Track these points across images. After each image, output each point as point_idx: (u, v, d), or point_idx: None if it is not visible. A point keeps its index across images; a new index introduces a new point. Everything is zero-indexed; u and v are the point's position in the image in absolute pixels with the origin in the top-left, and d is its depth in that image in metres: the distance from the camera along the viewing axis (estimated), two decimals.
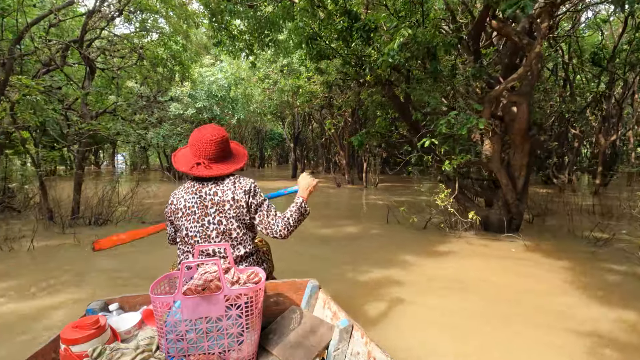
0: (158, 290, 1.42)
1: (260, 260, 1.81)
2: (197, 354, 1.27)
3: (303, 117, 20.78)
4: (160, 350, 1.33)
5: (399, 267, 3.81)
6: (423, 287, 3.24)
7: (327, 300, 1.67)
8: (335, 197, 10.47)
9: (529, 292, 3.12)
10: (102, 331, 1.30)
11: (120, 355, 1.22)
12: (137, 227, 4.69)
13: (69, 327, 1.28)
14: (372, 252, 4.49)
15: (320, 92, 11.20)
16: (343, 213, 7.37)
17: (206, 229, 1.63)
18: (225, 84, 14.71)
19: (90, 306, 1.54)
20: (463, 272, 3.65)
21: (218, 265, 1.30)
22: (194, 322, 1.26)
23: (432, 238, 5.14)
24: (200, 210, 1.63)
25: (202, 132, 1.70)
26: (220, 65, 15.26)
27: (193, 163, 1.66)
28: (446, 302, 2.90)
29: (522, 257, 4.19)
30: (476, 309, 2.77)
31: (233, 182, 1.69)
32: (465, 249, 4.54)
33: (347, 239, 5.29)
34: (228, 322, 1.28)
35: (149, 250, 4.17)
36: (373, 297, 2.95)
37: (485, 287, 3.24)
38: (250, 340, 1.33)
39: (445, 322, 2.53)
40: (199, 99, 14.37)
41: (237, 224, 1.65)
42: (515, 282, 3.42)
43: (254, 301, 1.33)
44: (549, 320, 2.55)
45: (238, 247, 1.68)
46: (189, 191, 1.68)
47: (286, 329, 1.50)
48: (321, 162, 27.80)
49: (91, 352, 1.21)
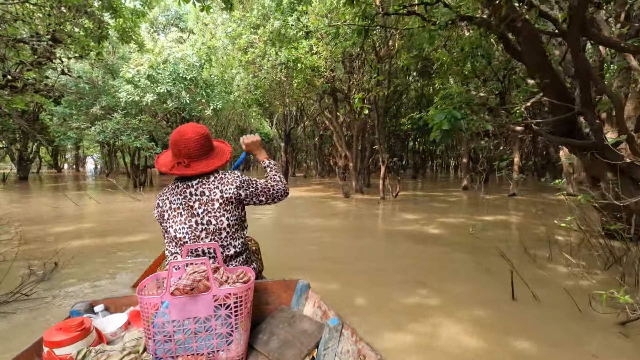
0: (145, 291, 1.36)
1: (250, 259, 1.77)
2: (185, 354, 1.24)
3: (296, 111, 17.46)
4: (147, 351, 1.29)
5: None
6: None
7: (317, 299, 1.60)
8: (355, 218, 7.17)
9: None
10: (87, 333, 1.26)
11: (106, 357, 1.21)
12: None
13: (53, 329, 1.23)
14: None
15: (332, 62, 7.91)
16: (414, 275, 4.05)
17: (194, 230, 1.58)
18: (197, 62, 11.23)
19: (75, 307, 1.47)
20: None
21: (207, 265, 1.27)
22: (182, 322, 1.24)
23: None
24: (186, 211, 1.59)
25: (180, 131, 1.63)
26: (192, 39, 11.82)
27: (174, 163, 1.60)
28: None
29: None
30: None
31: (219, 180, 1.64)
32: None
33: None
34: (217, 322, 1.27)
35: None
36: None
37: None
38: (240, 340, 1.31)
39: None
40: (161, 82, 10.83)
41: (227, 222, 1.61)
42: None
43: (243, 301, 1.29)
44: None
45: (228, 246, 1.64)
46: (174, 192, 1.62)
47: (276, 328, 1.48)
48: (314, 165, 24.45)
49: (75, 355, 1.19)
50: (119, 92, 10.43)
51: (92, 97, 11.86)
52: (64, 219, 6.57)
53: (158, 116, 12.98)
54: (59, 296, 2.90)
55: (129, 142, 11.20)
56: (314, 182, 18.20)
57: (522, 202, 9.46)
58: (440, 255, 4.20)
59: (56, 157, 30.94)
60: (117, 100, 10.92)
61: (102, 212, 7.60)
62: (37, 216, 6.69)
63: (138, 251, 4.31)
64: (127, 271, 3.54)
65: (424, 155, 27.25)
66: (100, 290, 3.01)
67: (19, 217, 6.49)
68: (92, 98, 11.79)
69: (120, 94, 10.39)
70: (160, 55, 10.95)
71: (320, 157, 23.56)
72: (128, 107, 11.34)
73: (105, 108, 11.53)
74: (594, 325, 2.41)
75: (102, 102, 11.17)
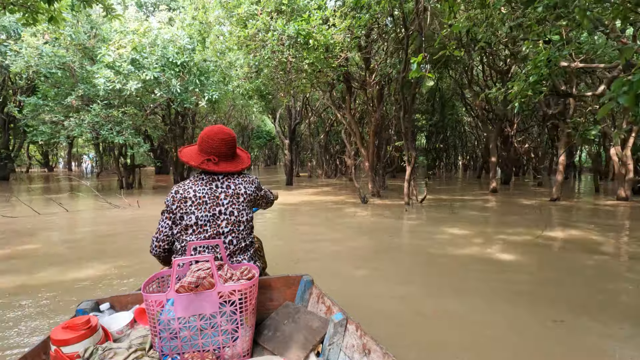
0: (150, 289, 1.36)
1: (255, 257, 1.77)
2: (191, 351, 1.24)
3: (301, 105, 15.87)
4: (153, 348, 1.27)
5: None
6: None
7: (321, 295, 1.60)
8: (386, 235, 5.62)
9: None
10: (93, 331, 1.24)
11: (112, 355, 1.18)
12: None
13: (59, 328, 1.21)
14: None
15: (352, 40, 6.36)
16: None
17: (217, 219, 1.62)
18: (189, 43, 9.66)
19: (81, 306, 1.46)
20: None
21: (211, 262, 1.27)
22: (188, 319, 1.23)
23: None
24: (211, 200, 1.63)
25: (214, 129, 1.71)
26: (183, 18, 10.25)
27: (203, 159, 1.66)
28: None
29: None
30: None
31: (243, 178, 1.74)
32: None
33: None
34: (222, 319, 1.26)
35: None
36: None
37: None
38: (245, 336, 1.31)
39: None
40: (147, 68, 9.25)
41: (246, 217, 1.69)
42: None
43: (248, 297, 1.29)
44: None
45: (244, 239, 1.68)
46: (198, 182, 1.66)
47: (280, 324, 1.47)
48: (319, 164, 22.85)
49: (83, 353, 1.17)
50: (97, 79, 8.84)
51: (69, 86, 10.30)
52: (4, 235, 5.03)
53: (147, 109, 11.42)
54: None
55: (110, 137, 9.64)
56: (321, 183, 16.62)
57: (575, 209, 7.86)
58: (556, 313, 2.63)
59: (47, 156, 29.37)
60: (96, 90, 9.36)
61: (65, 225, 6.04)
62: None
63: (77, 296, 2.76)
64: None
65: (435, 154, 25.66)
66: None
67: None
68: (70, 87, 10.23)
69: (97, 80, 8.80)
70: (146, 36, 9.37)
71: (326, 155, 21.96)
72: (109, 97, 9.77)
73: (83, 98, 9.96)
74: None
75: (79, 92, 9.59)
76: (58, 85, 10.47)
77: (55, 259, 3.89)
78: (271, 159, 46.53)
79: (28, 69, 9.53)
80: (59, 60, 9.15)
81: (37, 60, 8.89)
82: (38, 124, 10.11)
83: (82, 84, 9.76)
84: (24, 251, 4.23)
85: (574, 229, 5.65)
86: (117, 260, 3.85)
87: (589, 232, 5.40)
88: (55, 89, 10.16)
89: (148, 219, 6.46)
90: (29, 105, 10.33)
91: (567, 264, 3.78)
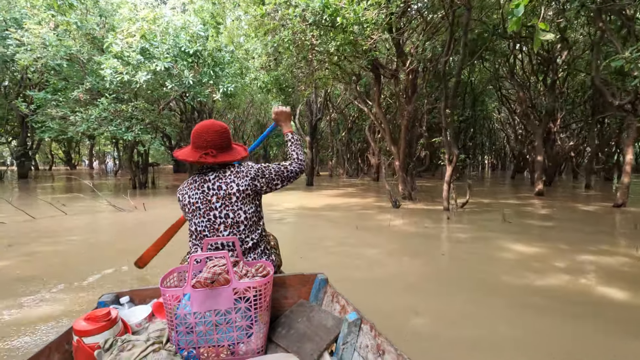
0: (167, 284, 1.40)
1: (269, 252, 1.75)
2: (206, 346, 1.26)
3: (322, 99, 14.89)
4: (170, 342, 1.29)
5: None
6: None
7: (336, 294, 1.58)
8: (435, 252, 4.59)
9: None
10: (113, 323, 1.26)
11: (131, 346, 1.19)
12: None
13: (81, 319, 1.24)
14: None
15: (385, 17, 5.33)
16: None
17: (213, 223, 1.60)
18: (202, 30, 8.82)
19: (102, 299, 1.50)
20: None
21: (226, 259, 1.29)
22: (204, 314, 1.25)
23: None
24: (204, 205, 1.60)
25: (205, 124, 1.65)
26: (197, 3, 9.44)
27: (200, 153, 1.60)
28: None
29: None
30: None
31: (235, 173, 1.65)
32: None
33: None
34: (237, 315, 1.27)
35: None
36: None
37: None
38: (259, 333, 1.31)
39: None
40: (156, 57, 8.48)
41: (244, 215, 1.62)
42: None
43: (263, 294, 1.30)
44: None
45: (246, 239, 1.64)
46: (192, 187, 1.63)
47: (294, 322, 1.46)
48: (340, 163, 21.81)
49: (103, 344, 1.18)
50: (103, 70, 8.12)
51: (78, 79, 9.69)
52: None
53: (160, 103, 10.70)
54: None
55: (119, 133, 8.94)
56: (343, 183, 15.60)
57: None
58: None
59: (69, 153, 29.58)
60: (105, 82, 8.66)
61: (56, 231, 5.29)
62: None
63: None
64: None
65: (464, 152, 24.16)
66: None
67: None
68: (78, 80, 9.61)
69: (104, 72, 8.08)
70: (157, 23, 8.60)
71: (348, 154, 20.90)
72: (118, 90, 9.07)
73: (92, 92, 9.31)
74: None
75: (86, 85, 8.93)
76: (67, 78, 9.88)
77: (19, 283, 3.06)
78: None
79: (37, 60, 8.95)
80: (65, 50, 8.50)
81: (41, 51, 8.23)
82: (46, 120, 9.55)
83: (90, 76, 9.10)
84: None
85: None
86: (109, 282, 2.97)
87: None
88: (63, 82, 9.56)
89: (151, 226, 5.63)
90: (38, 100, 9.78)
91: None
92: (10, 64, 12.41)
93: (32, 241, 4.61)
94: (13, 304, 2.66)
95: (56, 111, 9.02)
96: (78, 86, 9.16)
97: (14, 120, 18.38)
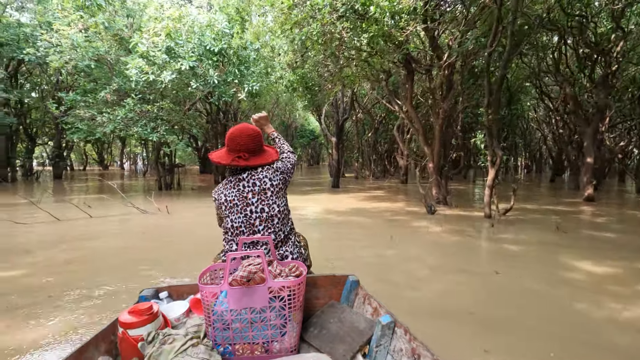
0: (203, 281, 1.40)
1: (299, 245, 1.80)
2: (242, 342, 1.28)
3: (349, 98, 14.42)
4: (207, 337, 1.32)
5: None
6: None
7: (367, 296, 1.58)
8: (493, 273, 4.02)
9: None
10: (155, 317, 1.31)
11: (172, 340, 1.23)
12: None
13: (126, 312, 1.29)
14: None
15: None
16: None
17: (249, 218, 1.66)
18: (227, 27, 8.59)
19: (143, 293, 1.53)
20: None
21: (262, 258, 1.30)
22: (239, 312, 1.27)
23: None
24: (241, 201, 1.67)
25: (239, 128, 1.74)
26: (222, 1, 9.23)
27: (233, 156, 1.68)
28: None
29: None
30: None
31: (266, 170, 1.73)
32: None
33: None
34: (271, 314, 1.28)
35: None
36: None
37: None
38: (292, 332, 1.31)
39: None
40: (181, 56, 8.32)
41: (277, 209, 1.69)
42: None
43: (297, 294, 1.30)
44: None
45: (279, 232, 1.69)
46: (227, 186, 1.71)
47: (327, 323, 1.46)
48: (366, 164, 21.22)
49: (146, 336, 1.23)
50: (129, 70, 8.03)
51: (106, 80, 9.72)
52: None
53: (185, 104, 10.60)
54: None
55: (144, 134, 8.85)
56: (370, 185, 15.03)
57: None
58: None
59: (101, 154, 30.62)
60: (131, 83, 8.59)
61: (76, 235, 5.12)
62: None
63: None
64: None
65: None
66: None
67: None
68: (106, 81, 9.64)
69: (130, 72, 7.99)
70: (182, 22, 8.44)
71: (374, 155, 20.30)
72: (145, 90, 8.99)
73: (119, 93, 9.29)
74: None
75: (113, 85, 8.91)
76: (96, 80, 9.95)
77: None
78: (314, 158, 45.58)
79: (68, 62, 9.02)
80: (93, 51, 8.49)
81: (71, 53, 8.25)
82: (75, 121, 9.63)
83: (117, 77, 9.08)
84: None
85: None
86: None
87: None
88: (92, 84, 9.61)
89: (170, 231, 5.37)
90: (69, 101, 9.89)
91: None
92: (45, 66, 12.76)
93: (51, 247, 4.43)
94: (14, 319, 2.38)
95: (84, 112, 9.06)
96: (105, 87, 9.16)
97: (50, 122, 19.09)
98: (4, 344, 2.09)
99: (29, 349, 2.03)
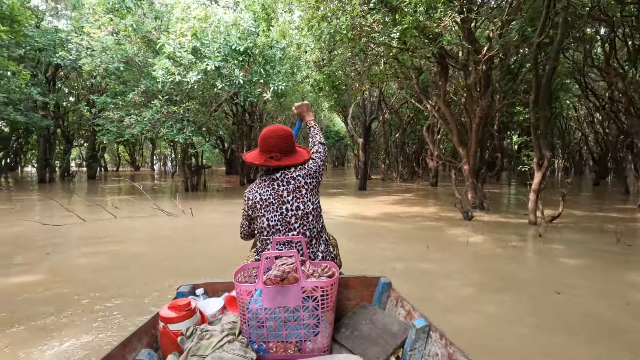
0: (238, 280, 1.43)
1: (329, 242, 1.82)
2: (275, 341, 1.30)
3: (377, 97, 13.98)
4: (242, 334, 1.35)
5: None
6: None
7: (400, 298, 1.55)
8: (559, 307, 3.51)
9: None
10: (193, 313, 1.33)
11: (209, 336, 1.26)
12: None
13: (166, 307, 1.32)
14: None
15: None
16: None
17: (285, 217, 1.67)
18: (252, 26, 8.42)
19: (180, 289, 1.57)
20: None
21: (295, 258, 1.33)
22: (274, 310, 1.29)
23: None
24: (276, 200, 1.68)
25: (272, 129, 1.77)
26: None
27: (266, 157, 1.71)
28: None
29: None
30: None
31: (300, 169, 1.75)
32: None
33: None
34: (305, 313, 1.30)
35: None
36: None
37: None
38: (325, 332, 1.33)
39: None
40: (207, 56, 8.23)
41: (312, 206, 1.72)
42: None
43: (329, 294, 1.32)
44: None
45: (313, 229, 1.71)
46: (262, 185, 1.73)
47: (358, 324, 1.46)
48: (394, 166, 20.62)
49: (185, 331, 1.26)
50: (155, 71, 8.02)
51: (134, 82, 9.82)
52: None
53: (211, 105, 10.56)
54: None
55: (171, 135, 8.84)
56: (398, 188, 14.49)
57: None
58: None
59: (133, 155, 31.67)
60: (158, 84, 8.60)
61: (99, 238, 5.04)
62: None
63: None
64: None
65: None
66: None
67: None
68: (135, 83, 9.74)
69: (156, 72, 7.97)
70: (208, 22, 8.35)
71: (402, 156, 19.67)
72: (171, 91, 8.99)
73: (147, 94, 9.35)
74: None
75: (141, 87, 8.96)
76: (125, 82, 10.08)
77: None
78: (339, 159, 45.19)
79: (100, 65, 9.17)
80: (122, 54, 8.57)
81: (101, 55, 8.36)
82: (105, 123, 9.79)
83: (145, 79, 9.14)
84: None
85: None
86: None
87: None
88: (122, 86, 9.74)
89: (192, 233, 5.20)
90: (100, 104, 10.09)
91: None
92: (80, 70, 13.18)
93: (70, 249, 4.35)
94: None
95: (113, 114, 9.17)
96: (134, 89, 9.25)
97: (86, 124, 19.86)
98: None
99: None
